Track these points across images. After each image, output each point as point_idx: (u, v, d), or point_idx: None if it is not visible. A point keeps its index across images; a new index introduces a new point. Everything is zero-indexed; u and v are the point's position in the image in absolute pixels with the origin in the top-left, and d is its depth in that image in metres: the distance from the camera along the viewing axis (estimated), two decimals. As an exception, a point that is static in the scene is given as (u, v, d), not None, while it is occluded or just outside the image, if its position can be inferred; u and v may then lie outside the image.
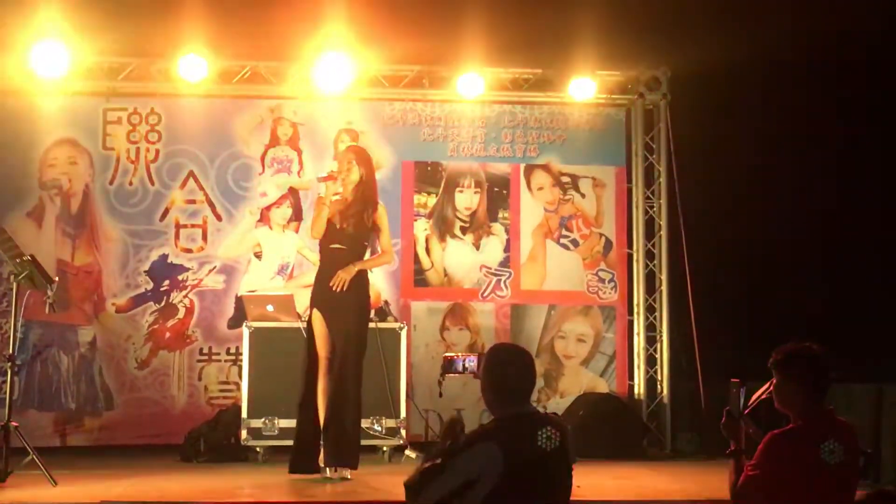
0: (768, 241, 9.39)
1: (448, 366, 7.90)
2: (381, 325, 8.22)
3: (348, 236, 6.87)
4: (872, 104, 9.22)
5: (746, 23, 8.74)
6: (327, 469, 6.75)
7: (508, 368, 3.85)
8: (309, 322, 6.90)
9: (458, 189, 9.42)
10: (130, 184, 9.05)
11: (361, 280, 6.91)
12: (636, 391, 9.36)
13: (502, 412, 3.81)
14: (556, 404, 9.17)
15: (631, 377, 9.41)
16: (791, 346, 4.08)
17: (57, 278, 7.33)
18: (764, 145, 9.40)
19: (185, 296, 9.03)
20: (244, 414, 7.98)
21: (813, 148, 9.37)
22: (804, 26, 8.52)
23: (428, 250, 9.34)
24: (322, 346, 6.80)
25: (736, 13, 8.78)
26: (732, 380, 4.24)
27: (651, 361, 9.38)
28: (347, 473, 6.74)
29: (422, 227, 9.34)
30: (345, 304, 6.80)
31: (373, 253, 7.04)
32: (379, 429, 8.02)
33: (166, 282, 9.01)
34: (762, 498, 3.96)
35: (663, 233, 9.41)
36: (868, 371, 7.71)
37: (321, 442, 6.76)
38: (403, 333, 8.23)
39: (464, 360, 7.84)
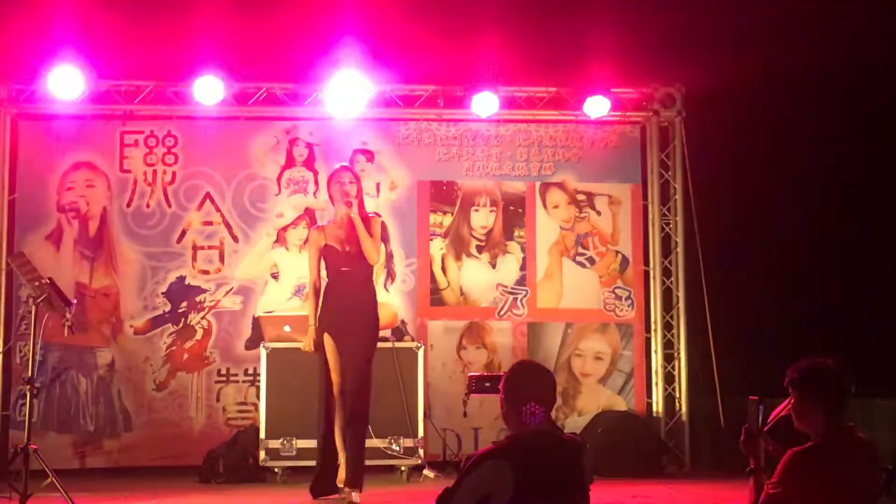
0: (786, 256, 9.37)
1: (473, 385, 7.89)
2: (398, 344, 8.24)
3: (353, 257, 6.82)
4: (890, 120, 9.20)
5: (761, 40, 8.75)
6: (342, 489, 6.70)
7: (526, 385, 3.85)
8: (322, 347, 6.84)
9: (473, 208, 9.43)
10: (147, 206, 9.09)
11: (371, 301, 6.88)
12: (654, 409, 9.32)
13: (518, 428, 3.80)
14: (574, 422, 9.13)
15: (649, 395, 9.37)
16: (807, 362, 4.04)
17: (75, 301, 7.36)
18: (779, 162, 9.39)
19: (203, 317, 9.05)
20: (262, 434, 7.99)
21: (829, 165, 9.35)
22: (820, 44, 8.51)
23: (444, 269, 9.34)
24: (334, 369, 6.73)
25: (751, 31, 8.78)
26: (751, 397, 4.20)
27: (669, 379, 9.34)
28: (356, 497, 6.63)
29: (438, 247, 9.35)
30: (355, 326, 6.76)
31: (387, 276, 7.02)
32: (397, 448, 8.02)
33: (184, 303, 9.04)
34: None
35: (680, 249, 9.38)
36: (889, 386, 7.68)
37: (339, 462, 6.74)
38: (420, 353, 8.23)
39: (489, 380, 7.83)
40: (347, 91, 8.88)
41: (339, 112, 9.09)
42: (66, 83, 8.57)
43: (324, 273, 6.97)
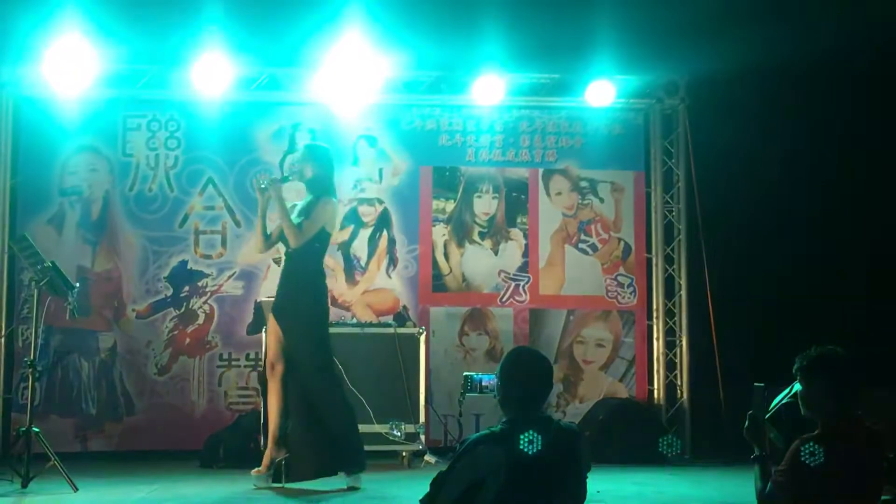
0: (788, 243, 9.35)
1: (468, 384, 7.91)
2: (400, 330, 8.25)
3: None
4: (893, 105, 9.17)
5: (766, 27, 8.71)
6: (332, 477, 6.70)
7: (521, 371, 3.85)
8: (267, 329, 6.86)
9: (476, 194, 9.42)
10: (150, 190, 9.08)
11: (307, 283, 6.80)
12: (656, 396, 9.33)
13: (512, 414, 3.80)
14: (576, 409, 9.15)
15: (650, 382, 9.38)
16: (816, 351, 4.03)
17: (77, 284, 7.36)
18: (783, 149, 9.36)
19: (205, 302, 9.05)
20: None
21: (833, 151, 9.32)
22: (823, 30, 8.48)
23: (446, 255, 9.34)
24: (273, 351, 6.78)
25: (755, 18, 8.75)
26: (756, 384, 4.19)
27: (670, 366, 9.35)
28: (356, 483, 6.64)
29: (440, 233, 9.35)
30: (293, 309, 6.73)
31: (390, 262, 6.91)
32: (398, 434, 8.03)
33: (186, 288, 9.04)
34: (791, 504, 3.92)
35: (682, 237, 9.38)
36: (890, 376, 7.65)
37: (271, 447, 6.74)
38: (422, 339, 8.24)
39: (481, 380, 7.83)
40: (350, 76, 8.86)
41: (342, 97, 9.07)
42: (69, 66, 8.55)
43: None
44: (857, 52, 8.80)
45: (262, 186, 6.86)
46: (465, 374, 8.00)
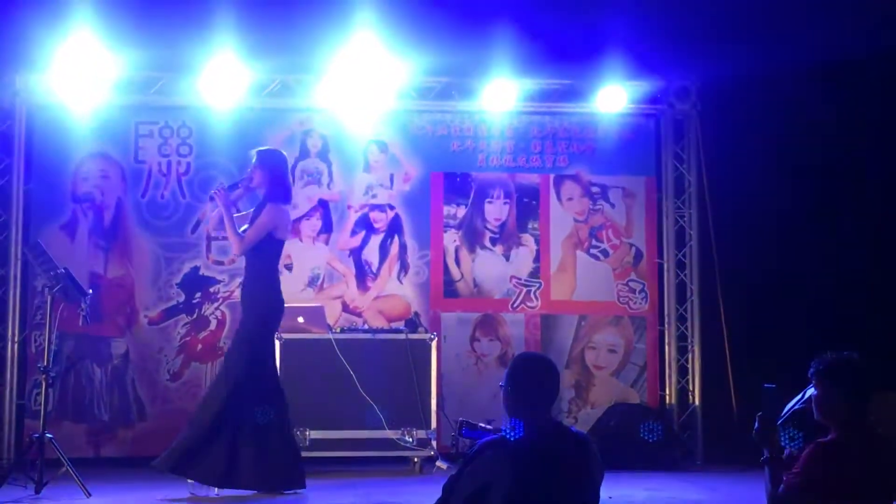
0: (800, 249, 9.33)
1: (461, 429, 7.92)
2: (412, 336, 8.25)
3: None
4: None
5: (778, 33, 8.70)
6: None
7: (527, 376, 3.87)
8: None
9: (487, 200, 9.43)
10: (162, 197, 9.11)
11: (246, 291, 6.90)
12: (667, 401, 9.31)
13: (520, 420, 3.81)
14: (587, 415, 9.14)
15: (662, 387, 9.36)
16: (833, 355, 4.02)
17: (90, 291, 7.39)
18: (795, 155, 9.34)
19: (217, 308, 9.07)
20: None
21: (845, 158, 9.31)
22: (840, 36, 8.46)
23: (458, 261, 9.34)
24: None
25: (767, 23, 8.74)
26: (766, 385, 4.17)
27: (682, 371, 9.33)
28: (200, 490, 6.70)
29: (451, 239, 9.35)
30: (243, 319, 6.93)
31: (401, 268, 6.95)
32: (409, 440, 8.03)
33: (198, 294, 9.06)
34: (804, 507, 3.91)
35: (694, 242, 9.37)
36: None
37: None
38: (433, 344, 8.24)
39: (473, 428, 7.83)
40: (361, 82, 8.88)
41: (353, 103, 9.09)
42: (81, 73, 8.58)
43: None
44: (871, 57, 8.78)
45: (210, 195, 6.93)
46: (460, 419, 8.04)
